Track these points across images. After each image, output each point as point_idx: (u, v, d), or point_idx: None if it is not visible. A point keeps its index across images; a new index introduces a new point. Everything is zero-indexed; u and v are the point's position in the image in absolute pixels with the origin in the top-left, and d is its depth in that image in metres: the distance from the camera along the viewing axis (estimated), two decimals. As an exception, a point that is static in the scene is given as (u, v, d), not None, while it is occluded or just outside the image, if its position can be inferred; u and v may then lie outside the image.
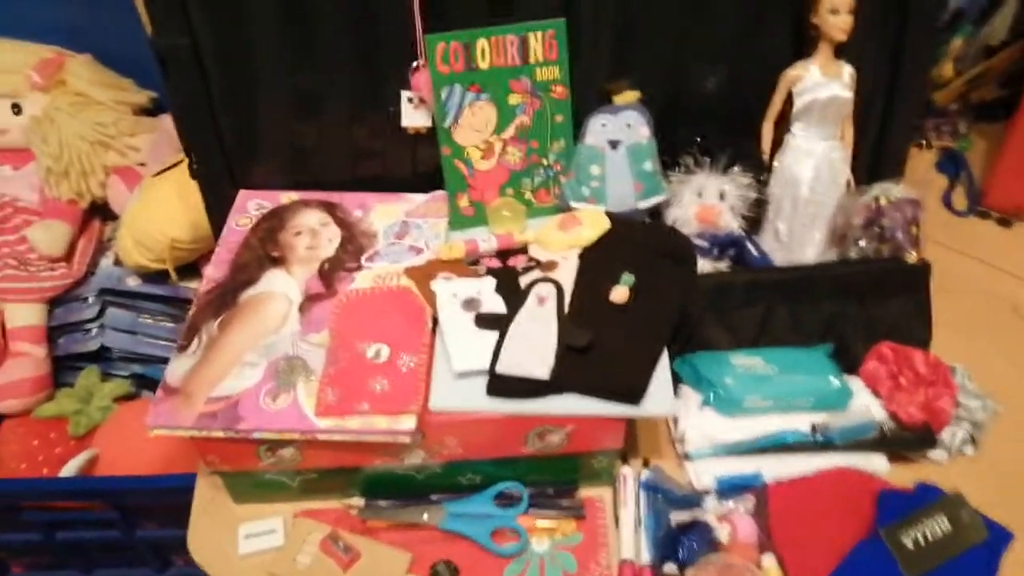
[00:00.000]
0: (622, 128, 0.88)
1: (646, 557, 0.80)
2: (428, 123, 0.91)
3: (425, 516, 0.82)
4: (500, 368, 0.75)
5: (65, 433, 1.20)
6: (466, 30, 0.84)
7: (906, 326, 0.91)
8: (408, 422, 0.73)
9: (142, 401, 1.25)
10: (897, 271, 0.90)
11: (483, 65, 0.86)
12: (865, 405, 0.86)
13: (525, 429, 0.77)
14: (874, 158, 0.96)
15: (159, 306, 1.24)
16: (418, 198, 0.94)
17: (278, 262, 0.86)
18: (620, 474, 0.86)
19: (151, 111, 1.34)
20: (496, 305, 0.81)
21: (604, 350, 0.77)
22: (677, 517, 0.82)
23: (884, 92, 0.93)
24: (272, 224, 0.91)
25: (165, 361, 1.23)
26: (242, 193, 0.94)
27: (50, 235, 1.21)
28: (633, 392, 0.74)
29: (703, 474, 0.85)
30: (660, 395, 0.75)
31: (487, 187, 0.91)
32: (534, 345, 0.77)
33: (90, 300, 1.24)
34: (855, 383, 0.89)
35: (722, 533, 0.79)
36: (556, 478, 0.85)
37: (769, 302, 0.89)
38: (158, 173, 1.20)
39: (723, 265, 0.92)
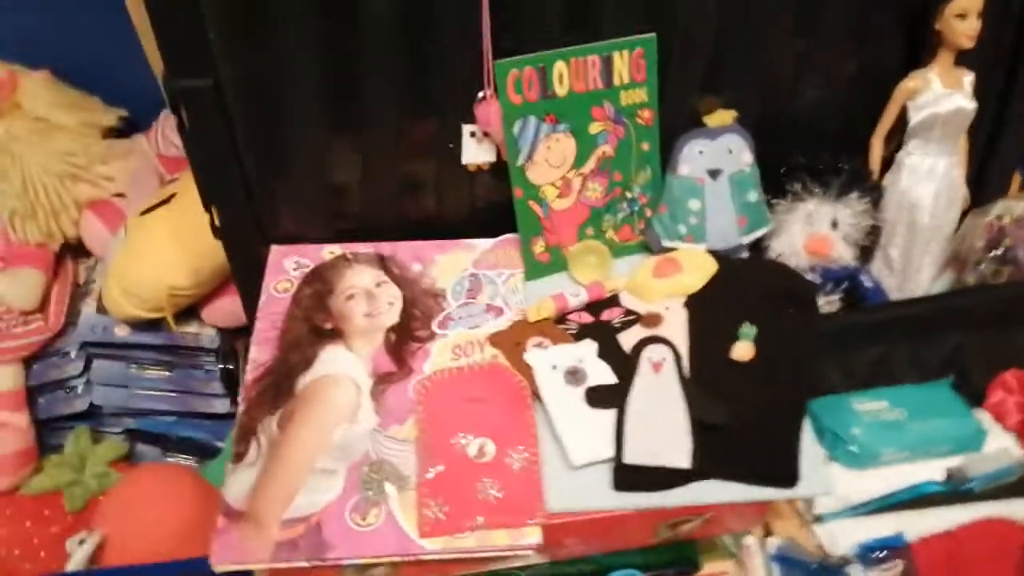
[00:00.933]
0: (722, 154, 0.76)
1: (788, 646, 0.71)
2: (492, 158, 0.78)
3: (532, 613, 0.72)
4: (629, 458, 0.64)
5: (60, 508, 1.05)
6: (541, 53, 0.71)
7: (1027, 352, 0.84)
8: (533, 536, 0.62)
9: (145, 468, 1.11)
10: (1025, 296, 0.82)
11: (561, 92, 0.73)
12: (1003, 447, 0.78)
13: (657, 521, 0.67)
14: (979, 171, 0.87)
15: (152, 355, 1.09)
16: (482, 244, 0.81)
17: (334, 336, 0.73)
18: (744, 545, 0.77)
19: (121, 131, 1.17)
20: (603, 375, 0.70)
21: (741, 422, 0.67)
22: (817, 594, 0.74)
23: (997, 99, 0.84)
24: (317, 288, 0.77)
25: (161, 413, 1.13)
26: (275, 250, 0.80)
27: (21, 286, 1.05)
28: (788, 474, 0.65)
29: (840, 539, 0.76)
30: (813, 472, 0.66)
31: (564, 229, 0.79)
32: (662, 425, 0.66)
33: (72, 355, 1.08)
34: (984, 419, 0.81)
35: (875, 612, 0.71)
36: (674, 558, 0.75)
37: (890, 340, 0.80)
38: (145, 211, 1.04)
39: (835, 299, 0.82)
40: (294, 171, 0.78)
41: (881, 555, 0.74)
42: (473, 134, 0.77)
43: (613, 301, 0.77)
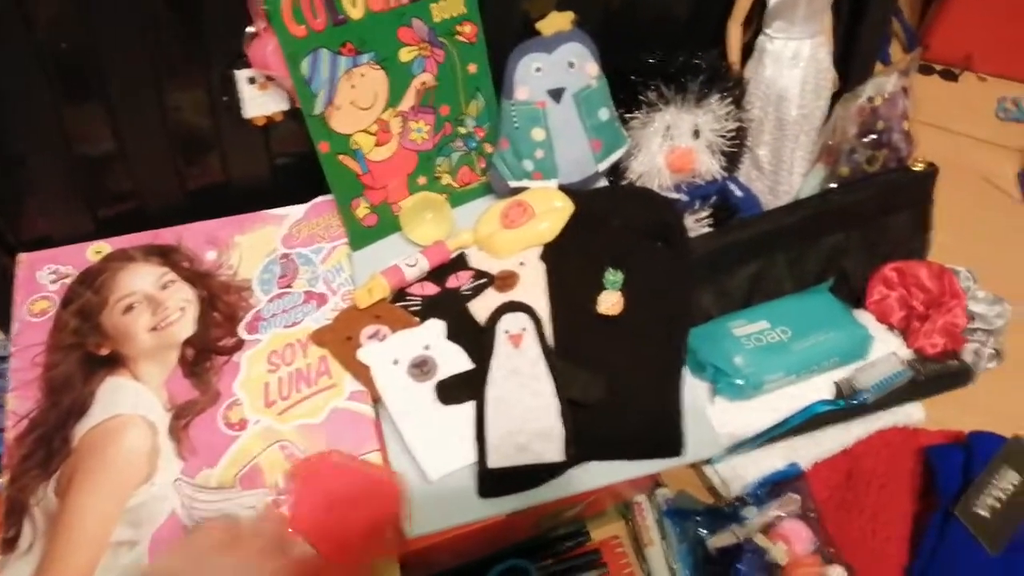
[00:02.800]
0: (563, 69, 0.62)
1: (695, 604, 0.65)
2: (285, 106, 0.62)
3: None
4: (493, 461, 0.53)
5: None
6: (318, -37, 0.54)
7: (905, 241, 0.77)
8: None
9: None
10: (906, 183, 0.74)
11: (355, 13, 0.56)
12: (890, 350, 0.72)
13: (535, 517, 0.58)
14: (846, 48, 0.76)
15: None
16: (292, 214, 0.66)
17: (114, 363, 0.57)
18: (633, 503, 0.69)
19: None
20: (456, 360, 0.58)
21: (614, 391, 0.57)
22: (716, 542, 0.67)
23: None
24: (86, 301, 0.60)
25: None
26: (23, 259, 0.62)
27: None
28: (673, 443, 0.56)
29: (733, 480, 0.70)
30: (700, 432, 0.57)
31: (390, 181, 0.64)
32: (528, 411, 0.55)
33: None
34: (866, 320, 0.75)
35: (778, 553, 0.65)
36: (562, 535, 0.67)
37: (768, 254, 0.71)
38: None
39: (705, 217, 0.72)
40: (28, 151, 0.58)
41: (776, 490, 0.68)
42: (252, 80, 0.59)
43: (460, 263, 0.64)
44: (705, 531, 0.68)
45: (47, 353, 0.58)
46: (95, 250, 0.63)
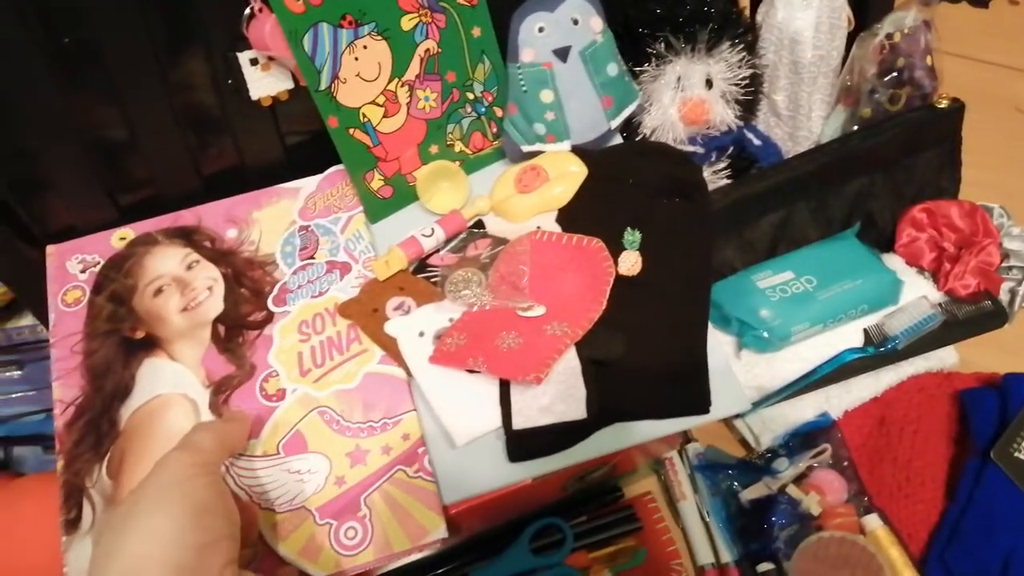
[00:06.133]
0: (567, 27, 0.64)
1: (727, 556, 0.69)
2: (290, 84, 0.65)
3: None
4: (519, 423, 0.58)
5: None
6: (314, -62, 0.56)
7: (934, 180, 0.79)
8: (437, 531, 0.55)
9: (15, 485, 1.01)
10: (931, 121, 0.75)
11: (353, -14, 0.59)
12: (920, 294, 0.74)
13: (562, 479, 0.61)
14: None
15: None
16: (306, 186, 0.70)
17: (150, 346, 0.62)
18: (664, 458, 0.73)
19: None
20: (479, 327, 0.61)
21: (639, 348, 0.60)
22: (749, 495, 0.71)
23: None
24: (116, 287, 0.65)
25: (28, 414, 1.02)
26: (52, 252, 0.67)
27: None
28: (700, 401, 0.59)
29: (763, 432, 0.73)
30: (727, 387, 0.60)
31: (403, 152, 0.67)
32: (552, 373, 0.58)
33: None
34: (896, 264, 0.77)
35: (811, 503, 0.68)
36: (594, 493, 0.71)
37: (790, 203, 0.73)
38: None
39: (723, 168, 0.74)
40: (41, 146, 0.63)
41: (808, 441, 0.71)
42: (255, 61, 0.63)
43: (478, 230, 0.67)
44: (737, 484, 0.71)
45: (85, 341, 0.63)
46: (119, 236, 0.67)
